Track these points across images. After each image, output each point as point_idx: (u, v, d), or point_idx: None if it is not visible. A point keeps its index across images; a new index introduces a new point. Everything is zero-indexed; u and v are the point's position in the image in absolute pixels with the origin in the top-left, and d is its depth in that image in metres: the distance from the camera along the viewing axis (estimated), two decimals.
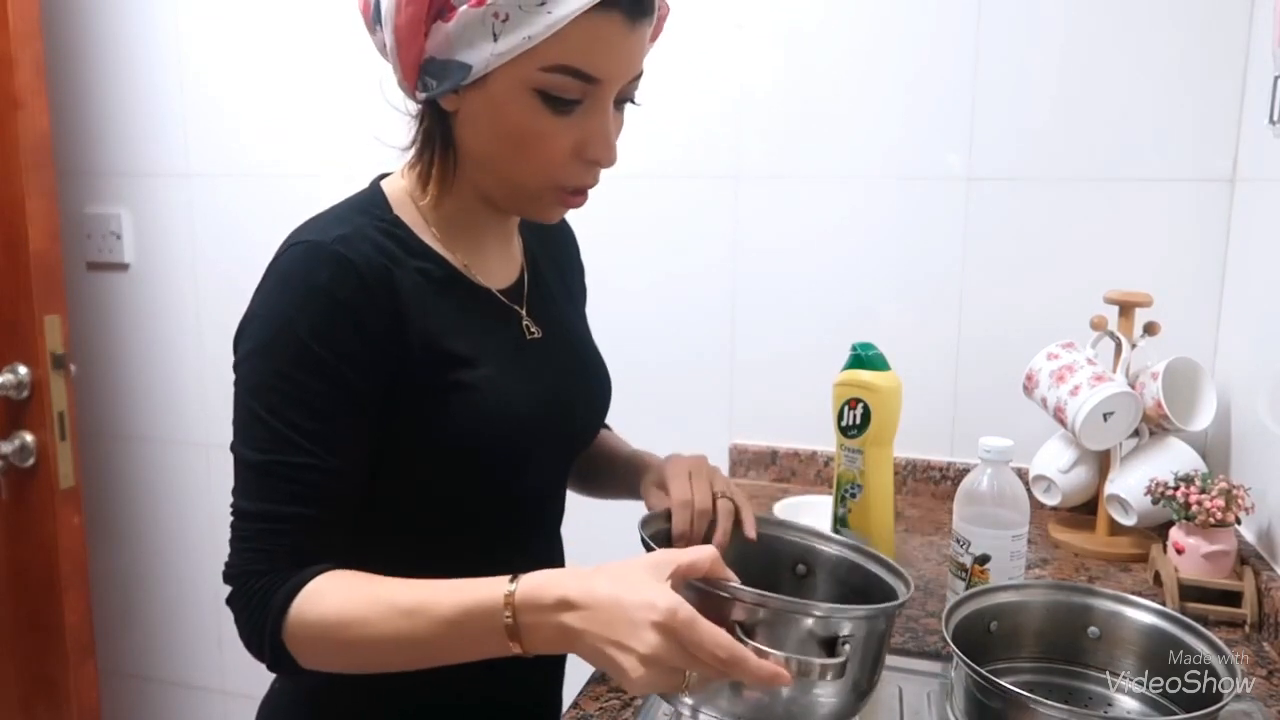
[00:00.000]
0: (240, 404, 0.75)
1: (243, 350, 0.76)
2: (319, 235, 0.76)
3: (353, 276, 0.74)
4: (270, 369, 0.74)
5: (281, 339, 0.73)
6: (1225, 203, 1.36)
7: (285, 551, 0.74)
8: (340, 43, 1.71)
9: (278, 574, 0.73)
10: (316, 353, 0.72)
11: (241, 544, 0.75)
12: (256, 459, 0.74)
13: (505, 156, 0.77)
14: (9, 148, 1.57)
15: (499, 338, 0.84)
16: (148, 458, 2.00)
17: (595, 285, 1.08)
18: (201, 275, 1.88)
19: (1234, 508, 1.10)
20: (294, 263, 0.75)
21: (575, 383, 0.91)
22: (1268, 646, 1.03)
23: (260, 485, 0.74)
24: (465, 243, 0.84)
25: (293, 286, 0.74)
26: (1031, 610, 0.91)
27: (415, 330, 0.77)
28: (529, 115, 0.74)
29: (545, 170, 0.77)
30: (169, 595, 2.04)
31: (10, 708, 1.77)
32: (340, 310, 0.73)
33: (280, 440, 0.73)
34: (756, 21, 1.52)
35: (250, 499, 0.75)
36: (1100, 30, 1.38)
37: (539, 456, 0.86)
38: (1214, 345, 1.39)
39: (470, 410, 0.78)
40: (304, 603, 0.72)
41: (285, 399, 0.73)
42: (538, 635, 0.66)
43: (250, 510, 0.75)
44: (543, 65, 0.71)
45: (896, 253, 1.51)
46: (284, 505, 0.73)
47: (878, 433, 1.09)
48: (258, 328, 0.75)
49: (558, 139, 0.75)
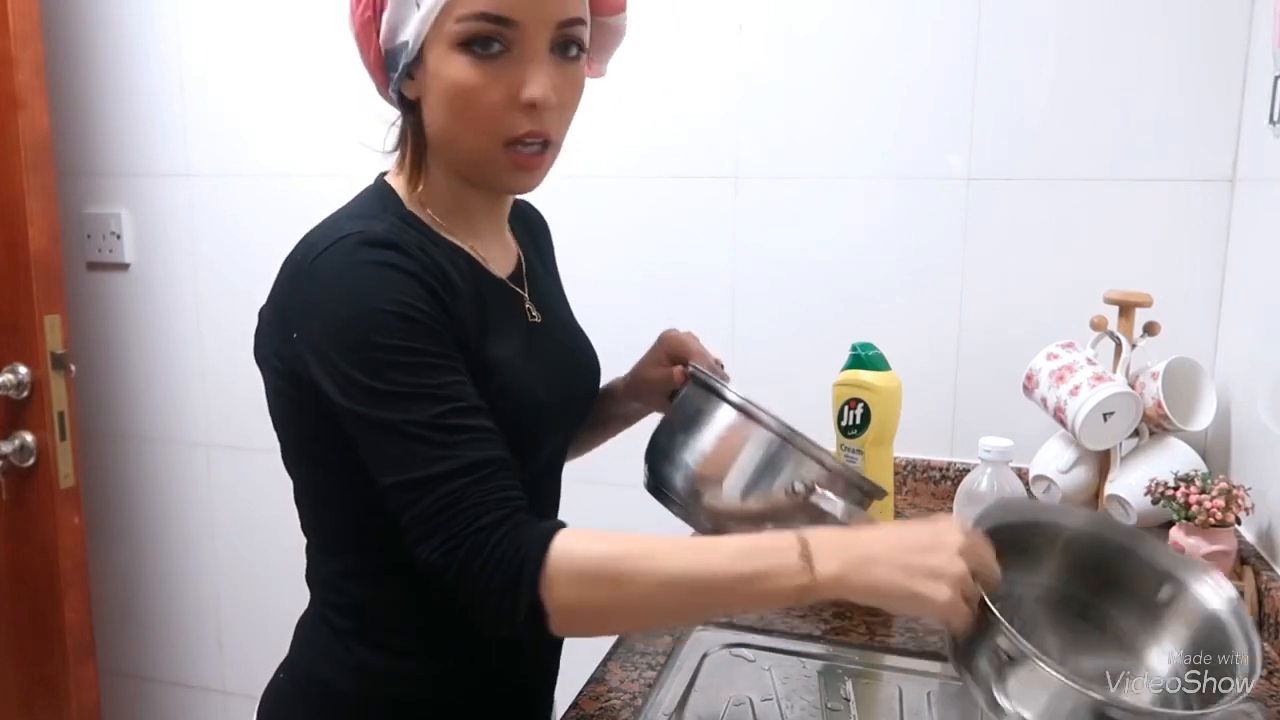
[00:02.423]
0: (360, 391, 0.71)
1: (325, 342, 0.73)
2: (364, 227, 0.76)
3: (412, 256, 0.75)
4: (379, 346, 0.71)
5: (372, 317, 0.72)
6: (1225, 203, 1.36)
7: (504, 498, 0.69)
8: (340, 43, 1.70)
9: (515, 519, 0.69)
10: (414, 318, 0.72)
11: (448, 510, 0.68)
12: (423, 422, 0.70)
13: (452, 124, 0.79)
14: (9, 148, 1.57)
15: (512, 324, 0.86)
16: (148, 458, 2.00)
17: (594, 284, 1.09)
18: (201, 275, 1.88)
19: (1234, 508, 1.10)
20: (349, 251, 0.74)
21: (572, 365, 0.94)
22: (1268, 646, 1.03)
23: (441, 444, 0.70)
24: (468, 232, 0.86)
25: (358, 270, 0.73)
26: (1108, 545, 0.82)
27: (458, 312, 0.78)
28: (458, 72, 0.75)
29: (486, 126, 0.77)
30: (169, 595, 2.04)
31: (10, 708, 1.77)
32: (411, 280, 0.74)
33: (432, 400, 0.71)
34: (756, 22, 1.52)
35: (435, 463, 0.69)
36: (1100, 30, 1.38)
37: (550, 435, 0.89)
38: (1214, 345, 1.39)
39: (495, 389, 0.78)
40: (566, 546, 0.68)
41: (410, 368, 0.71)
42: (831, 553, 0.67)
43: (442, 472, 0.69)
44: (458, 16, 0.74)
45: (896, 253, 1.51)
46: (478, 452, 0.70)
47: (878, 433, 1.09)
48: (334, 316, 0.73)
49: (490, 90, 0.76)
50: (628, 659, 0.99)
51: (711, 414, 0.86)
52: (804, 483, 0.80)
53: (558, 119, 0.80)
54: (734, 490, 0.82)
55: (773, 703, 0.92)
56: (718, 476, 0.83)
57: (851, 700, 0.93)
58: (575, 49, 0.79)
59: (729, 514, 0.83)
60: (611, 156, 1.59)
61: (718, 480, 0.83)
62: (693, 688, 0.94)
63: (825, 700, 0.94)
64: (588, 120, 0.87)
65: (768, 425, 0.82)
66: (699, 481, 0.85)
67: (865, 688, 0.96)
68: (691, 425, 0.87)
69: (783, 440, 0.82)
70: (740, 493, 0.82)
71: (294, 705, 0.90)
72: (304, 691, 0.90)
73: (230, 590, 1.99)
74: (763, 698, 0.92)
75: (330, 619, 0.88)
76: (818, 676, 0.96)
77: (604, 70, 0.92)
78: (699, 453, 0.85)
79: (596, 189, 1.59)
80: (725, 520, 0.83)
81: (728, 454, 0.83)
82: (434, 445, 0.70)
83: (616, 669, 0.97)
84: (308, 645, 0.91)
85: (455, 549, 0.68)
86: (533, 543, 0.68)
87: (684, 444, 0.87)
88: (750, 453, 0.82)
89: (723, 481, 0.83)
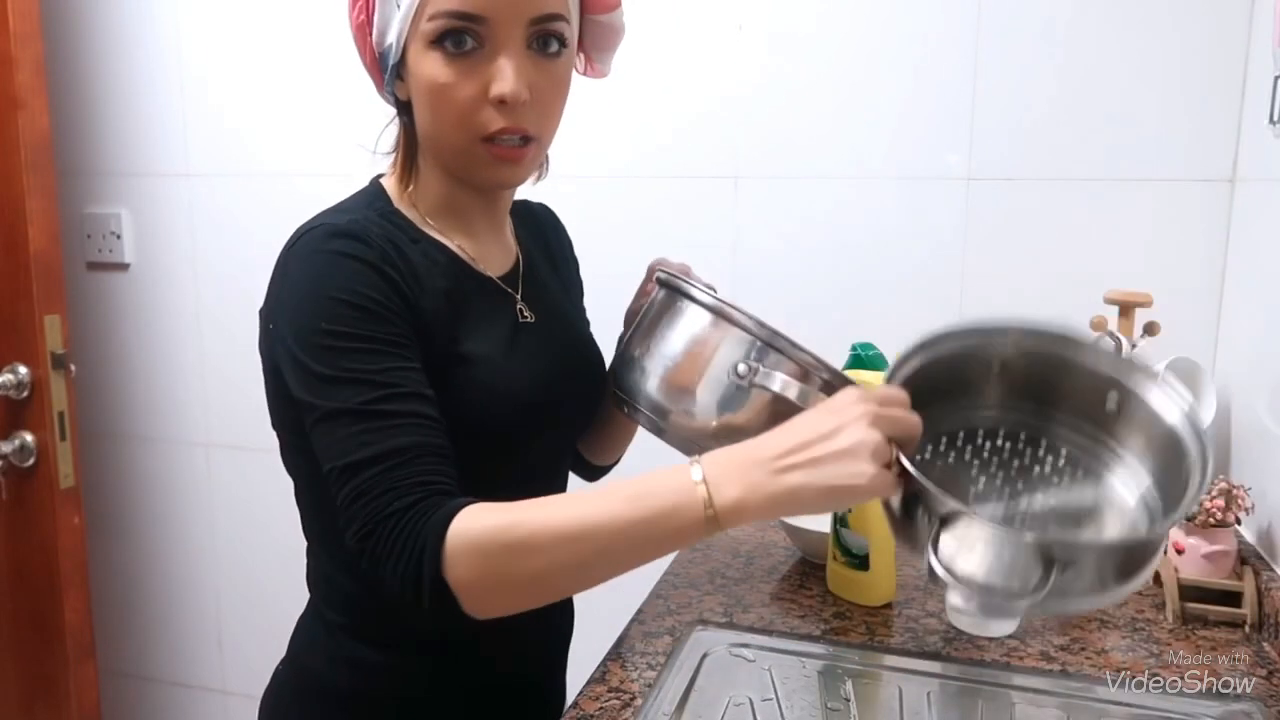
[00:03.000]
0: (306, 376, 0.73)
1: (284, 331, 0.75)
2: (331, 219, 0.78)
3: (373, 247, 0.76)
4: (326, 333, 0.72)
5: (324, 305, 0.73)
6: (1225, 203, 1.36)
7: (418, 483, 0.69)
8: (340, 43, 1.71)
9: (423, 504, 0.69)
10: (363, 305, 0.73)
11: (366, 495, 0.69)
12: (354, 408, 0.71)
13: (432, 121, 0.80)
14: (9, 148, 1.57)
15: (496, 321, 0.86)
16: (148, 458, 2.00)
17: (595, 285, 1.09)
18: (201, 275, 1.88)
19: (1234, 508, 1.10)
20: (313, 241, 0.76)
21: (568, 368, 0.92)
22: (1268, 646, 1.03)
23: (368, 430, 0.70)
24: (459, 231, 0.86)
25: (317, 259, 0.75)
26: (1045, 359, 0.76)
27: (424, 304, 0.78)
28: (434, 70, 0.77)
29: (461, 122, 0.78)
30: (169, 595, 2.04)
31: (10, 708, 1.77)
32: (368, 268, 0.75)
33: (369, 386, 0.71)
34: (756, 22, 1.52)
35: (361, 448, 0.70)
36: (1100, 30, 1.38)
37: (532, 438, 0.87)
38: (1214, 345, 1.39)
39: (468, 388, 0.79)
40: (463, 524, 0.67)
41: (353, 354, 0.72)
42: (730, 478, 0.65)
43: (365, 457, 0.70)
44: (430, 15, 0.75)
45: (896, 252, 1.51)
46: (402, 438, 0.70)
47: None
48: (294, 305, 0.75)
49: (463, 86, 0.77)
50: (628, 659, 0.99)
51: (677, 316, 0.82)
52: (747, 364, 0.76)
53: (536, 115, 0.79)
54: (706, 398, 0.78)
55: (773, 703, 0.92)
56: (688, 385, 0.79)
57: (851, 700, 0.93)
58: (556, 44, 0.79)
59: (701, 427, 0.78)
60: (611, 156, 1.60)
61: (689, 390, 0.79)
62: (693, 688, 0.94)
63: (825, 700, 0.94)
64: (587, 120, 0.87)
65: (741, 324, 0.78)
66: (668, 390, 0.81)
67: (865, 688, 0.96)
68: (656, 329, 0.83)
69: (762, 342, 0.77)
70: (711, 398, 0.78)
71: (293, 702, 0.91)
72: (302, 688, 0.90)
73: (230, 590, 1.99)
74: (763, 698, 0.92)
75: (326, 615, 0.88)
76: (818, 676, 0.96)
77: (607, 70, 0.91)
78: (668, 359, 0.81)
79: (596, 189, 1.59)
80: (698, 434, 0.78)
81: (697, 359, 0.79)
82: (363, 431, 0.70)
83: (616, 669, 0.97)
84: (306, 642, 0.91)
85: (368, 536, 0.68)
86: (434, 524, 0.67)
87: (651, 350, 0.82)
88: (722, 355, 0.78)
89: (694, 391, 0.79)
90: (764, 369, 0.76)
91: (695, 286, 0.81)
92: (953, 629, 1.05)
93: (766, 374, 0.75)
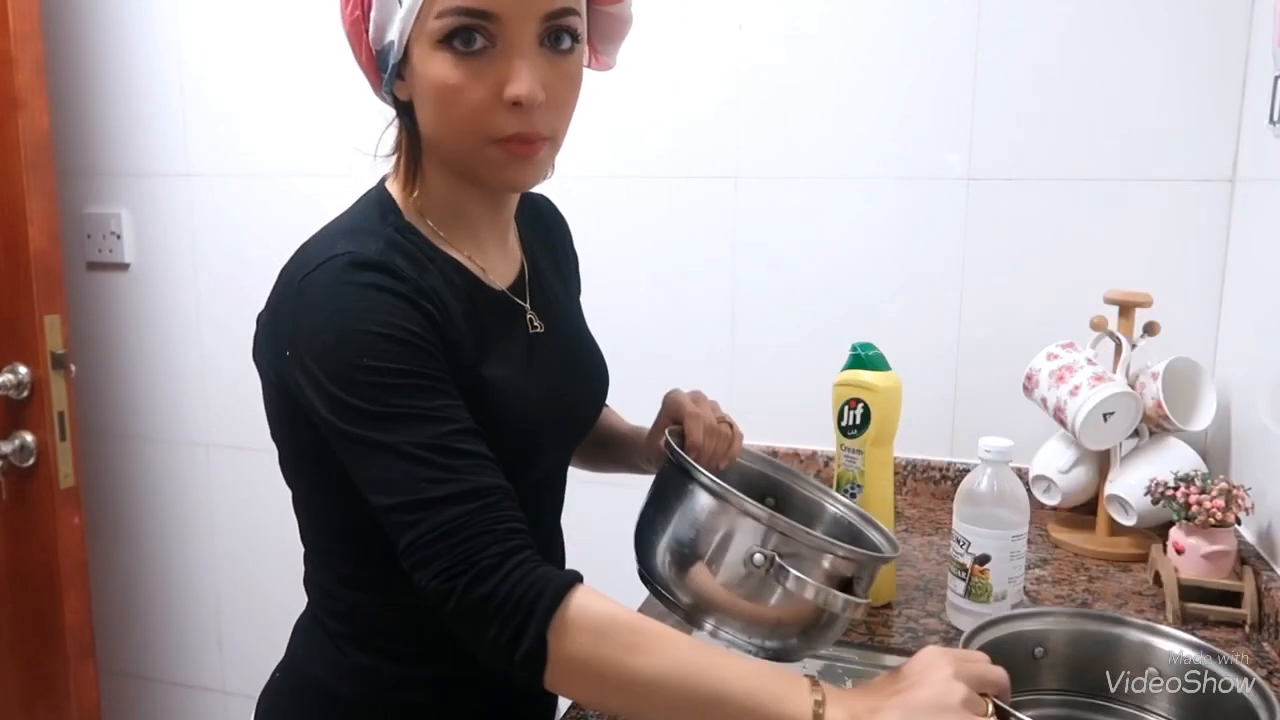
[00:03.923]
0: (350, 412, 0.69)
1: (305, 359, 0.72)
2: (356, 247, 0.75)
3: (404, 280, 0.73)
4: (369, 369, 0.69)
5: (363, 339, 0.70)
6: (1225, 203, 1.36)
7: (511, 529, 0.67)
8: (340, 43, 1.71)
9: (524, 554, 0.66)
10: (405, 340, 0.70)
11: (454, 535, 0.66)
12: (423, 442, 0.68)
13: (440, 122, 0.76)
14: (9, 148, 1.57)
15: (509, 336, 0.84)
16: (148, 458, 2.00)
17: (594, 285, 1.08)
18: (201, 275, 1.88)
19: (1234, 508, 1.10)
20: (339, 272, 0.73)
21: (576, 374, 0.92)
22: (1268, 646, 1.03)
23: (442, 468, 0.67)
24: (466, 240, 0.84)
25: (348, 292, 0.72)
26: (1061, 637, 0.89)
27: (450, 334, 0.76)
28: (443, 70, 0.73)
29: (473, 124, 0.75)
30: (169, 595, 2.04)
31: (10, 708, 1.77)
32: (403, 302, 0.72)
33: (429, 422, 0.69)
34: (757, 21, 1.52)
35: (436, 485, 0.67)
36: (1100, 30, 1.38)
37: (550, 448, 0.87)
38: (1214, 345, 1.39)
39: (490, 407, 0.77)
40: (587, 596, 0.66)
41: (403, 390, 0.69)
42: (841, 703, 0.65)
43: (445, 495, 0.67)
44: (437, 12, 0.72)
45: (896, 253, 1.51)
46: (482, 478, 0.68)
47: (878, 433, 1.08)
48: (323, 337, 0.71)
49: (475, 88, 0.73)
50: None
51: (682, 493, 0.81)
52: (763, 552, 0.76)
53: (551, 115, 0.77)
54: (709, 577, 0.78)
55: None
56: (692, 560, 0.79)
57: None
58: (568, 40, 0.76)
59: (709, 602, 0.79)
60: (611, 156, 1.60)
61: (693, 564, 0.79)
62: None
63: None
64: (587, 120, 0.86)
65: (740, 508, 0.77)
66: (675, 567, 0.81)
67: None
68: (664, 505, 0.83)
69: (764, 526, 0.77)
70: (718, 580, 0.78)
71: (290, 706, 0.90)
72: (300, 693, 0.90)
73: (230, 590, 1.99)
74: None
75: (325, 623, 0.88)
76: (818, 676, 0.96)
77: (613, 62, 0.88)
78: (674, 537, 0.81)
79: (596, 189, 1.59)
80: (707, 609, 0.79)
81: (703, 539, 0.79)
82: (434, 468, 0.68)
83: None
84: (304, 647, 0.91)
85: (458, 576, 0.65)
86: (548, 585, 0.65)
87: (660, 526, 0.82)
88: (723, 536, 0.78)
89: (696, 567, 0.79)
90: (779, 559, 0.75)
91: (702, 472, 0.80)
92: (953, 629, 1.05)
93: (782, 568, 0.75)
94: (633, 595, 1.14)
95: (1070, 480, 1.34)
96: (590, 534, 1.08)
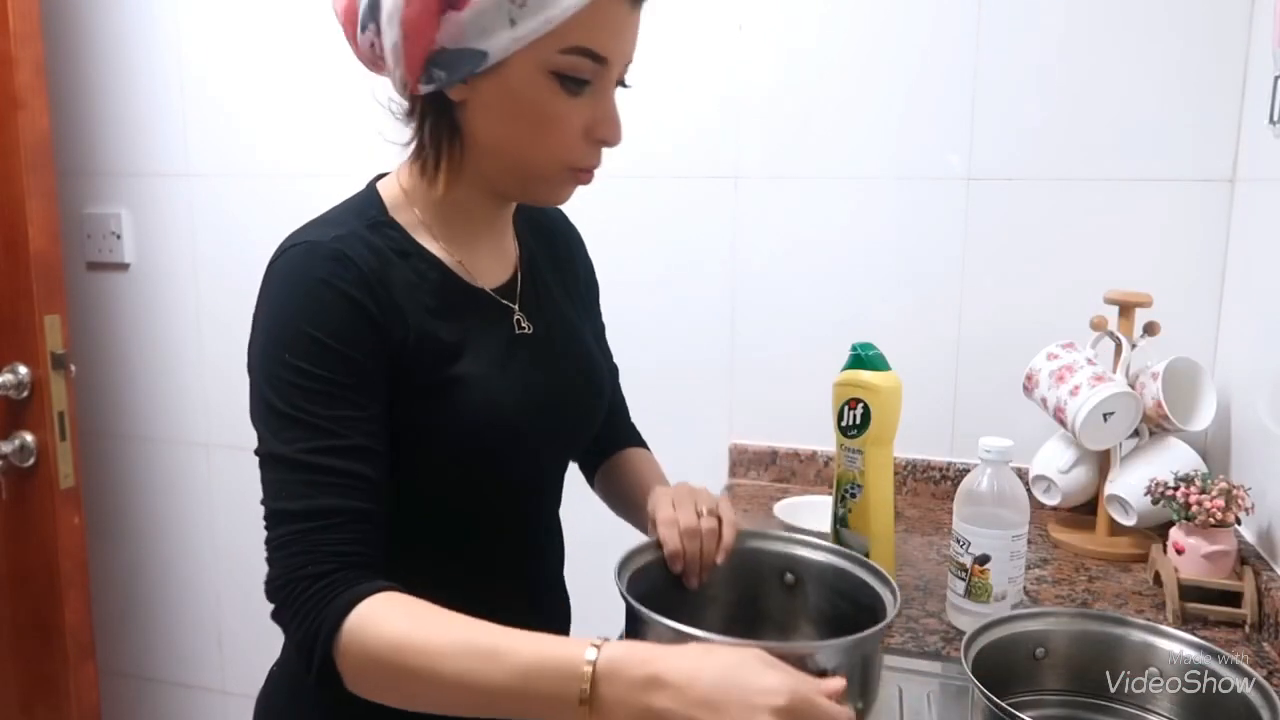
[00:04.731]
0: (262, 405, 0.74)
1: (255, 352, 0.76)
2: (316, 236, 0.77)
3: (351, 269, 0.75)
4: (288, 365, 0.73)
5: (291, 335, 0.73)
6: (1225, 203, 1.36)
7: (335, 552, 0.70)
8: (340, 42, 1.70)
9: (333, 578, 0.70)
10: (328, 343, 0.73)
11: (286, 549, 0.71)
12: (294, 455, 0.71)
13: (521, 140, 0.78)
14: (9, 148, 1.57)
15: (489, 334, 0.84)
16: (148, 458, 2.00)
17: None
18: (201, 275, 1.88)
19: (1234, 508, 1.10)
20: (293, 262, 0.76)
21: (567, 379, 0.91)
22: (1268, 646, 1.03)
23: (302, 482, 0.71)
24: (460, 240, 0.85)
25: (294, 283, 0.75)
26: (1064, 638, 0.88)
27: (410, 325, 0.78)
28: (546, 97, 0.76)
29: (559, 152, 0.79)
30: (169, 595, 2.04)
31: (10, 708, 1.77)
32: (342, 300, 0.74)
33: (314, 432, 0.72)
34: (756, 22, 1.52)
35: (292, 499, 0.71)
36: (1100, 30, 1.38)
37: (528, 450, 0.87)
38: (1214, 345, 1.39)
39: (460, 405, 0.79)
40: (363, 619, 0.68)
41: (308, 394, 0.72)
42: (618, 711, 0.62)
43: (293, 510, 0.71)
44: (561, 47, 0.74)
45: (896, 253, 1.51)
46: (330, 499, 0.71)
47: (878, 433, 1.08)
48: (266, 328, 0.75)
49: (571, 120, 0.77)
50: None
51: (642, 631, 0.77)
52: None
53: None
54: None
55: None
56: None
57: None
58: (623, 83, 0.82)
59: None
60: (611, 156, 1.59)
61: None
62: None
63: None
64: None
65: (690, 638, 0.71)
66: None
67: None
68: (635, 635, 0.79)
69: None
70: None
71: (288, 703, 0.90)
72: (297, 689, 0.89)
73: (230, 590, 1.99)
74: None
75: None
76: None
77: None
78: None
79: (596, 189, 1.57)
80: None
81: None
82: (296, 482, 0.71)
83: None
84: None
85: (277, 590, 0.71)
86: (336, 608, 0.68)
87: None
88: None
89: None
90: None
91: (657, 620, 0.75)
92: (953, 629, 1.06)
93: None
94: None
95: (1070, 480, 1.34)
96: (592, 533, 1.08)
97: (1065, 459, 1.34)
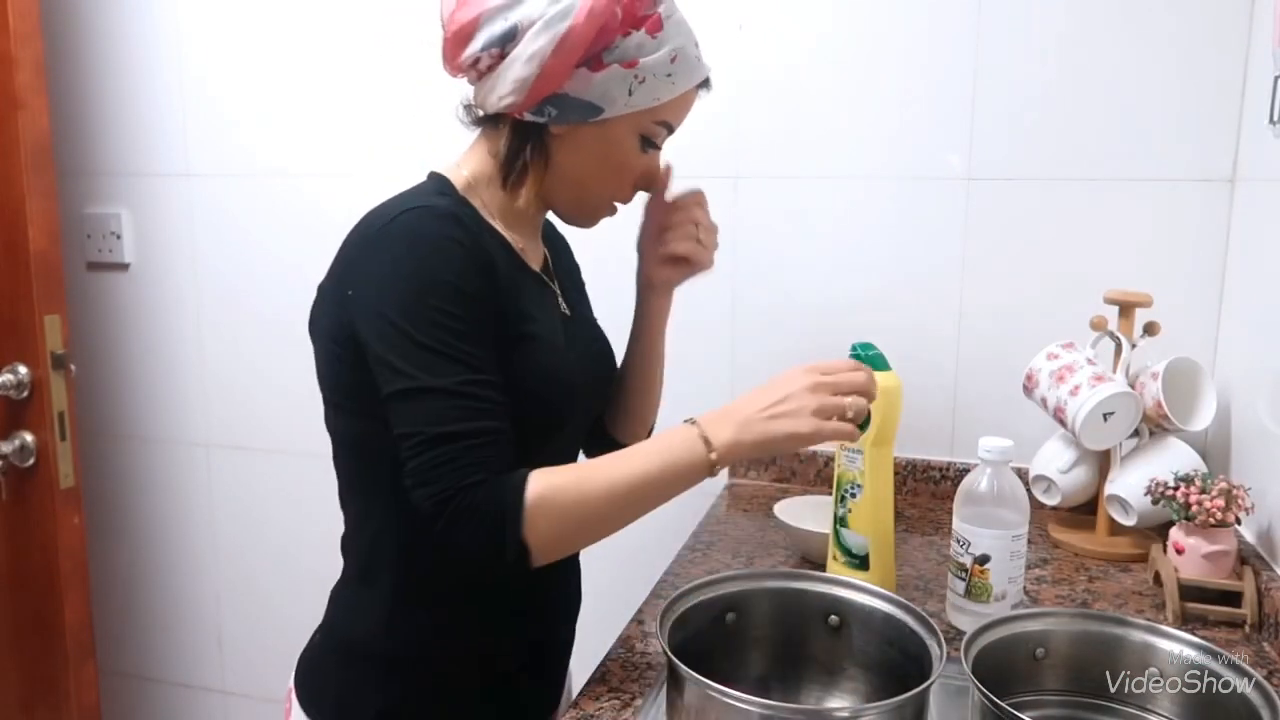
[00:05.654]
0: (406, 345, 0.80)
1: (386, 302, 0.82)
2: (426, 203, 0.86)
3: (466, 230, 0.85)
4: (436, 309, 0.81)
5: (431, 283, 0.81)
6: (1225, 203, 1.36)
7: (491, 462, 0.80)
8: (341, 43, 1.71)
9: (499, 480, 0.79)
10: (465, 290, 0.82)
11: (452, 464, 0.79)
12: (452, 386, 0.80)
13: (600, 180, 0.95)
14: (9, 148, 1.57)
15: (548, 311, 0.97)
16: (148, 458, 2.00)
17: (595, 286, 1.10)
18: (201, 275, 1.88)
19: (1234, 508, 1.10)
20: (415, 222, 0.84)
21: (595, 354, 1.05)
22: (1268, 646, 1.03)
23: (461, 408, 0.80)
24: (511, 227, 0.95)
25: (423, 240, 0.83)
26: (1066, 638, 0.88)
27: (500, 286, 0.87)
28: (631, 153, 0.93)
29: (617, 192, 0.97)
30: (169, 595, 2.04)
31: (10, 708, 1.77)
32: (469, 255, 0.84)
33: (466, 367, 0.81)
34: (756, 21, 1.52)
35: (454, 422, 0.80)
36: (1100, 30, 1.38)
37: (582, 407, 0.99)
38: (1214, 345, 1.39)
39: (531, 361, 0.89)
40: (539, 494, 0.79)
41: (457, 334, 0.81)
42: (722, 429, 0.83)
43: (454, 431, 0.79)
44: (656, 119, 0.92)
45: (896, 253, 1.51)
46: (488, 420, 0.81)
47: (878, 433, 1.08)
48: (395, 280, 0.82)
49: (636, 170, 0.96)
50: (628, 659, 0.99)
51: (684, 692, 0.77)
52: None
53: None
54: None
55: None
56: None
57: None
58: None
59: None
60: None
61: None
62: None
63: None
64: None
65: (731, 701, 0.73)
66: None
67: None
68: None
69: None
70: None
71: (335, 670, 0.95)
72: (343, 655, 0.95)
73: (230, 590, 1.99)
74: None
75: (376, 579, 0.93)
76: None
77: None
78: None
79: None
80: None
81: None
82: (457, 408, 0.80)
83: (617, 669, 0.97)
84: (343, 607, 0.96)
85: (449, 499, 0.78)
86: (512, 492, 0.79)
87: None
88: None
89: None
90: None
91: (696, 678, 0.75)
92: (952, 629, 1.06)
93: None
94: (637, 594, 1.14)
95: (1070, 480, 1.34)
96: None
97: (1065, 459, 1.34)
